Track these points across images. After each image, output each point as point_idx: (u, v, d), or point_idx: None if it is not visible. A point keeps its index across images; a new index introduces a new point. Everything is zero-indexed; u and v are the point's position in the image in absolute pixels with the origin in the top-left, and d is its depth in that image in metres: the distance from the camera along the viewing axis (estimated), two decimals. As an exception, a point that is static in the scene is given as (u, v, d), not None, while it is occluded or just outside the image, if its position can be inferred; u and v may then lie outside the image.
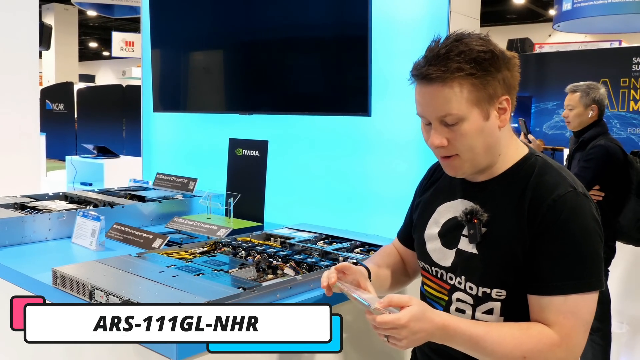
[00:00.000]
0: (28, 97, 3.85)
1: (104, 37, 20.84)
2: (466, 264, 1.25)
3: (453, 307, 1.28)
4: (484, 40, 1.18)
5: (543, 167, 1.22)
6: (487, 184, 1.27)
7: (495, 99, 1.18)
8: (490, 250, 1.22)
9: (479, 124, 1.18)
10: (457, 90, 1.15)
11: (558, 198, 1.15)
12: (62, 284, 1.47)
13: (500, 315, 1.22)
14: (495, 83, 1.17)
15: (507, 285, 1.20)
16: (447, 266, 1.30)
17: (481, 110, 1.17)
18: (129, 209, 2.26)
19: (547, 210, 1.15)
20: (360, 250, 1.87)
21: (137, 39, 14.46)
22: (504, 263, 1.20)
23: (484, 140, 1.20)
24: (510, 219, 1.20)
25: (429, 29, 2.02)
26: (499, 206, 1.23)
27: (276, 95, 2.41)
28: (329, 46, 2.20)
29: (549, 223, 1.15)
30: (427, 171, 1.51)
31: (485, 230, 1.23)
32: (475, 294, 1.24)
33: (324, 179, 2.37)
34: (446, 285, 1.30)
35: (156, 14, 2.86)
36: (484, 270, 1.22)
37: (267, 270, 1.63)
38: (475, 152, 1.21)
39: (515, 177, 1.23)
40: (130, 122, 12.26)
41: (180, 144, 3.06)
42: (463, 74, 1.14)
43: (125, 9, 11.51)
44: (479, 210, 1.24)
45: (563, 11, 8.05)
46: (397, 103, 2.12)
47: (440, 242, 1.32)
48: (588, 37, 12.00)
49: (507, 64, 1.18)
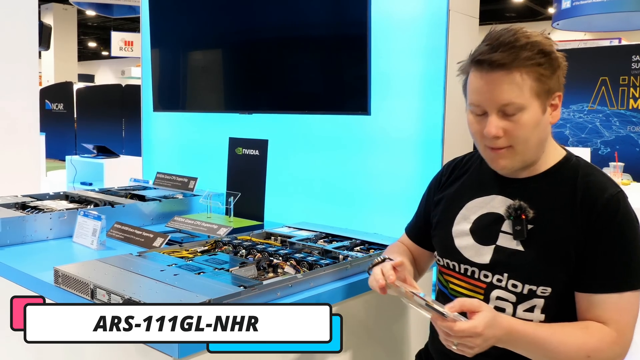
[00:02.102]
0: (27, 97, 3.86)
1: (103, 37, 20.84)
2: (509, 260, 1.24)
3: (491, 305, 1.25)
4: (545, 36, 1.19)
5: (587, 168, 1.24)
6: (528, 181, 1.26)
7: (551, 94, 1.19)
8: (538, 247, 1.21)
9: (537, 116, 1.18)
10: (521, 80, 1.15)
11: (610, 198, 1.17)
12: (63, 283, 1.47)
13: (542, 313, 1.22)
14: (554, 78, 1.19)
15: (554, 282, 1.20)
16: (483, 263, 1.28)
17: (540, 103, 1.18)
18: (130, 208, 2.26)
19: (602, 210, 1.17)
20: (360, 248, 1.88)
21: (136, 39, 14.46)
22: (553, 261, 1.19)
23: (538, 133, 1.20)
24: (560, 217, 1.20)
25: (428, 28, 2.02)
26: (545, 204, 1.22)
27: (276, 94, 2.42)
28: (328, 45, 2.21)
29: (604, 222, 1.16)
30: (445, 168, 1.49)
31: (531, 227, 1.22)
32: (520, 292, 1.22)
33: (324, 178, 2.37)
34: (481, 283, 1.28)
35: (155, 14, 2.86)
36: (531, 268, 1.21)
37: (268, 269, 1.64)
38: (529, 145, 1.20)
39: (560, 176, 1.24)
40: (130, 122, 12.26)
41: (180, 143, 3.07)
42: (531, 63, 1.14)
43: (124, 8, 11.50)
44: (525, 207, 1.23)
45: (562, 9, 8.05)
46: (396, 102, 2.13)
47: (472, 239, 1.30)
48: (587, 35, 12.00)
49: (561, 63, 1.20)
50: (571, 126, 9.69)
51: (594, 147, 9.07)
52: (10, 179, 3.59)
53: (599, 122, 9.38)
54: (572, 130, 9.64)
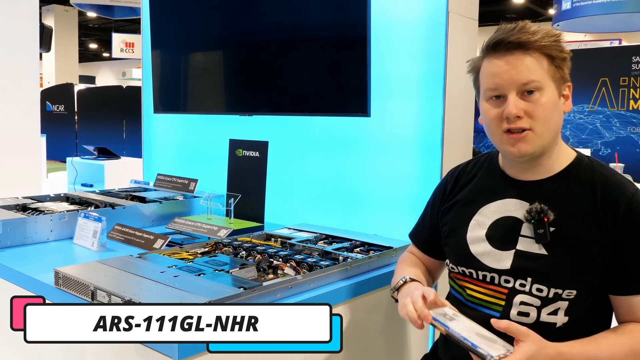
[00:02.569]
0: (28, 98, 3.86)
1: (104, 39, 20.86)
2: (533, 265, 1.22)
3: (514, 310, 1.24)
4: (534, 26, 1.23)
5: (601, 167, 1.25)
6: (543, 182, 1.26)
7: (563, 82, 1.23)
8: (562, 250, 1.20)
9: (555, 98, 1.21)
10: (538, 61, 1.19)
11: (632, 196, 1.17)
12: (64, 285, 1.48)
13: (565, 315, 1.21)
14: (565, 67, 1.22)
15: (580, 285, 1.19)
16: (503, 269, 1.26)
17: (556, 87, 1.21)
18: (130, 209, 2.27)
19: (625, 210, 1.16)
20: (360, 250, 1.88)
21: (137, 40, 14.47)
22: (578, 263, 1.18)
23: (556, 117, 1.22)
24: (581, 218, 1.19)
25: (427, 29, 2.03)
26: (564, 205, 1.21)
27: (276, 96, 2.42)
28: (328, 46, 2.21)
29: (630, 224, 1.16)
30: (449, 176, 1.47)
31: (553, 230, 1.21)
32: (545, 296, 1.21)
33: (324, 179, 2.38)
34: (502, 289, 1.26)
35: (156, 15, 2.87)
36: (557, 271, 1.20)
37: (268, 270, 1.64)
38: (549, 127, 1.21)
39: (574, 177, 1.24)
40: (131, 123, 12.27)
41: (181, 145, 3.07)
42: (546, 45, 1.19)
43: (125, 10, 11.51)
44: (545, 210, 1.22)
45: (562, 10, 8.06)
46: (396, 103, 2.13)
47: (489, 245, 1.29)
48: (588, 36, 12.00)
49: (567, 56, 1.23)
50: (571, 127, 9.68)
51: (594, 148, 9.07)
52: (11, 180, 3.60)
53: (600, 123, 9.38)
54: (573, 131, 9.64)
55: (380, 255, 1.79)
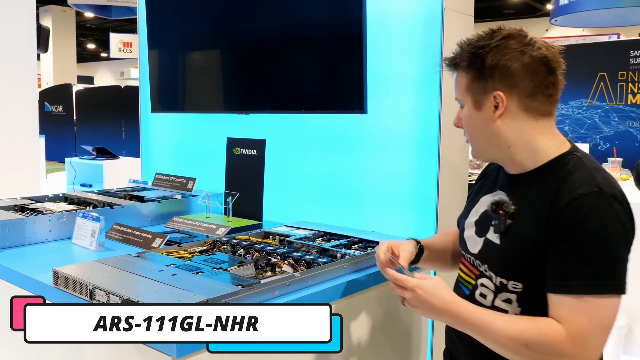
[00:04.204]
0: (27, 99, 3.86)
1: (102, 39, 20.84)
2: (489, 253, 1.31)
3: (478, 291, 1.33)
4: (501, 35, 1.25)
5: (574, 166, 1.21)
6: (521, 177, 1.29)
7: (487, 92, 1.25)
8: (509, 242, 1.25)
9: (471, 112, 1.29)
10: (461, 78, 1.30)
11: (578, 197, 1.14)
12: (62, 284, 1.48)
13: (519, 307, 1.24)
14: (487, 78, 1.24)
15: (523, 279, 1.22)
16: (475, 253, 1.36)
17: (474, 100, 1.28)
18: (129, 209, 2.27)
19: (564, 209, 1.15)
20: (358, 247, 1.89)
21: (135, 40, 14.45)
22: (520, 257, 1.22)
23: (479, 129, 1.30)
24: (532, 215, 1.21)
25: (423, 26, 2.03)
26: (525, 200, 1.25)
27: (273, 94, 2.43)
28: (324, 44, 2.21)
29: (565, 222, 1.14)
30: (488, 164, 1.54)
31: (510, 223, 1.26)
32: (494, 283, 1.29)
33: (322, 177, 2.38)
34: (476, 271, 1.36)
35: (153, 15, 2.87)
36: (502, 261, 1.27)
37: (266, 268, 1.65)
38: (474, 139, 1.33)
39: (547, 173, 1.24)
40: (129, 123, 12.26)
41: (179, 144, 3.08)
42: (465, 64, 1.27)
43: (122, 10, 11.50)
44: (505, 202, 1.28)
45: (560, 5, 8.04)
46: (392, 100, 2.14)
47: (474, 231, 1.38)
48: (586, 31, 11.99)
49: (515, 62, 1.21)
50: (570, 122, 9.68)
51: (593, 142, 9.07)
52: (10, 181, 3.60)
53: (598, 118, 9.37)
54: (571, 126, 9.64)
55: (378, 252, 1.79)
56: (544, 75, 1.22)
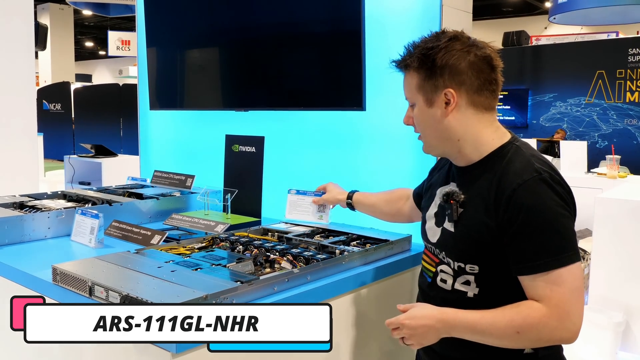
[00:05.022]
0: (25, 97, 3.85)
1: (100, 37, 20.82)
2: (446, 240, 1.40)
3: (438, 278, 1.43)
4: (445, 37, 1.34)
5: (514, 154, 1.33)
6: (468, 169, 1.40)
7: (437, 90, 1.34)
8: (463, 229, 1.35)
9: (423, 110, 1.38)
10: (411, 78, 1.38)
11: (521, 184, 1.25)
12: (62, 281, 1.48)
13: (477, 287, 1.34)
14: (437, 76, 1.33)
15: (479, 261, 1.33)
16: (434, 242, 1.45)
17: (425, 99, 1.36)
18: (127, 206, 2.27)
19: (510, 197, 1.25)
20: (357, 243, 1.89)
21: (133, 38, 14.44)
22: (473, 242, 1.32)
23: (430, 125, 1.38)
24: (481, 202, 1.32)
25: (421, 23, 2.03)
26: (473, 190, 1.35)
27: (271, 91, 2.43)
28: (322, 41, 2.21)
29: (514, 209, 1.25)
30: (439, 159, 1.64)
31: (462, 211, 1.36)
32: (453, 268, 1.38)
33: (320, 173, 2.38)
34: (435, 259, 1.45)
35: (151, 12, 2.87)
36: (458, 247, 1.37)
37: (265, 264, 1.65)
38: (426, 134, 1.41)
39: (490, 164, 1.35)
40: (128, 121, 12.26)
41: (177, 142, 3.08)
42: (415, 65, 1.35)
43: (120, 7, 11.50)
44: (455, 192, 1.38)
45: (559, 3, 8.04)
46: (391, 97, 2.14)
47: (434, 222, 1.46)
48: (584, 29, 12.00)
49: (462, 61, 1.31)
50: (569, 120, 9.70)
51: (591, 140, 9.09)
52: (8, 179, 3.59)
53: (596, 116, 9.40)
54: (570, 124, 9.66)
55: (377, 249, 1.80)
56: (487, 73, 1.33)
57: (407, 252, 1.90)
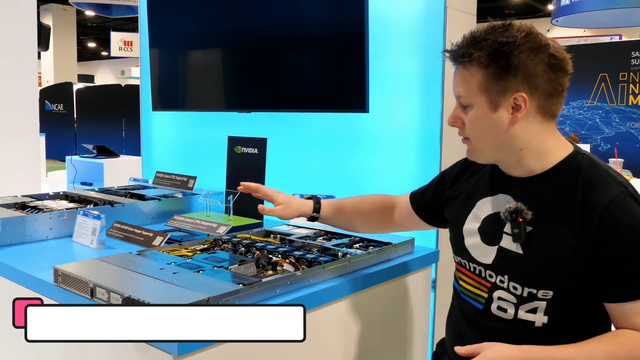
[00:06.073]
0: (27, 97, 3.86)
1: (103, 37, 20.85)
2: (510, 263, 1.23)
3: (494, 305, 1.26)
4: (520, 32, 1.16)
5: (590, 166, 1.19)
6: (529, 180, 1.24)
7: (505, 93, 1.17)
8: (536, 250, 1.19)
9: (484, 113, 1.20)
10: (472, 75, 1.18)
11: (612, 200, 1.13)
12: (63, 282, 1.47)
13: (545, 315, 1.20)
14: (510, 77, 1.16)
15: (555, 286, 1.18)
16: (487, 263, 1.28)
17: (489, 101, 1.18)
18: (129, 207, 2.26)
19: (602, 215, 1.13)
20: (360, 246, 1.88)
21: (135, 39, 14.46)
22: (551, 264, 1.17)
23: (491, 132, 1.20)
24: (559, 219, 1.17)
25: (425, 25, 2.02)
26: (544, 205, 1.20)
27: (274, 92, 2.42)
28: (326, 43, 2.21)
29: (608, 229, 1.12)
30: (461, 162, 1.47)
31: (530, 230, 1.20)
32: (520, 294, 1.21)
33: (323, 176, 2.38)
34: (486, 282, 1.28)
35: (154, 13, 2.87)
36: (530, 271, 1.20)
37: (267, 267, 1.64)
38: (482, 141, 1.23)
39: (561, 175, 1.20)
40: (130, 122, 12.26)
41: (180, 143, 3.07)
42: (477, 62, 1.17)
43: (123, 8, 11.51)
44: (523, 209, 1.20)
45: (561, 6, 8.03)
46: (395, 99, 2.13)
47: (480, 238, 1.30)
48: (587, 32, 11.99)
49: (539, 62, 1.16)
50: (571, 123, 9.68)
51: (594, 143, 9.07)
52: (10, 179, 3.59)
53: (599, 119, 9.38)
54: (572, 127, 9.64)
55: (380, 251, 1.79)
56: (561, 77, 1.19)
57: (410, 254, 1.89)
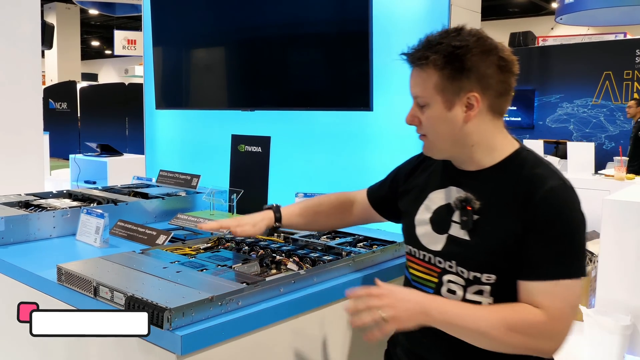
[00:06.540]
0: (31, 96, 3.86)
1: (106, 36, 20.88)
2: (457, 249, 1.31)
3: (444, 288, 1.34)
4: (471, 36, 1.24)
5: (534, 161, 1.29)
6: (478, 173, 1.33)
7: (459, 93, 1.25)
8: (481, 237, 1.28)
9: (440, 112, 1.28)
10: (428, 76, 1.26)
11: (550, 190, 1.21)
12: (67, 281, 1.47)
13: (490, 296, 1.28)
14: (463, 78, 1.24)
15: (497, 270, 1.26)
16: (437, 250, 1.36)
17: (445, 100, 1.26)
18: (133, 206, 2.26)
19: (539, 202, 1.21)
20: (364, 244, 1.88)
21: (139, 37, 14.47)
22: (494, 250, 1.25)
23: (447, 129, 1.29)
24: (502, 209, 1.25)
25: (429, 23, 2.01)
26: (491, 196, 1.28)
27: (278, 91, 2.41)
28: (330, 42, 2.20)
29: (542, 214, 1.21)
30: (416, 157, 1.56)
31: (477, 218, 1.28)
32: (467, 277, 1.30)
33: (327, 174, 2.37)
34: (436, 268, 1.36)
35: (157, 12, 2.86)
36: (475, 256, 1.28)
37: (271, 266, 1.64)
38: (439, 138, 1.31)
39: (508, 169, 1.29)
40: (133, 120, 12.28)
41: (183, 141, 3.07)
42: (433, 64, 1.24)
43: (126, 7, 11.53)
44: (472, 199, 1.29)
45: (565, 4, 8.00)
46: (398, 97, 2.12)
47: (430, 227, 1.38)
48: (591, 30, 11.94)
49: (490, 64, 1.24)
50: (575, 121, 9.65)
51: (598, 141, 9.04)
52: (14, 178, 3.60)
53: (603, 117, 9.35)
54: (576, 125, 9.61)
55: (384, 250, 1.78)
56: (509, 77, 1.27)
57: (414, 253, 1.88)
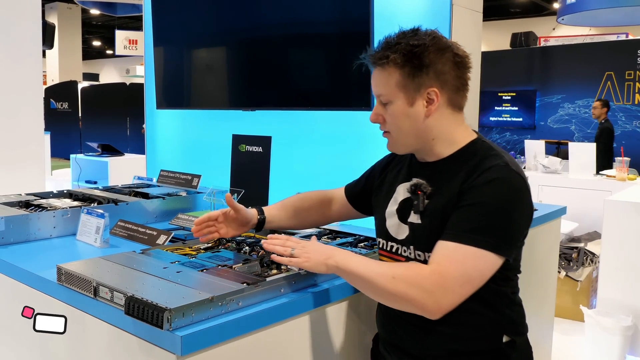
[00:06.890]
0: (32, 96, 3.86)
1: (107, 36, 20.89)
2: (413, 234, 1.38)
3: None
4: (427, 35, 1.31)
5: (487, 149, 1.35)
6: (435, 164, 1.39)
7: (420, 89, 1.32)
8: (430, 219, 1.34)
9: (403, 108, 1.34)
10: (389, 75, 1.33)
11: (489, 168, 1.28)
12: (66, 281, 1.47)
13: None
14: (423, 75, 1.30)
15: None
16: (402, 239, 1.41)
17: (406, 97, 1.33)
18: (133, 206, 2.26)
19: (476, 177, 1.28)
20: (365, 245, 1.87)
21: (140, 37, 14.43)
22: (440, 229, 1.30)
23: (409, 124, 1.35)
24: (449, 191, 1.32)
25: (431, 23, 2.00)
26: (441, 181, 1.35)
27: (279, 91, 2.41)
28: (331, 42, 2.20)
29: (473, 185, 1.27)
30: (389, 156, 1.61)
31: (428, 202, 1.35)
32: (424, 260, 1.35)
33: (327, 174, 2.37)
34: (401, 258, 1.42)
35: (158, 12, 2.86)
36: (426, 237, 1.34)
37: (272, 266, 1.63)
38: (402, 133, 1.37)
39: (461, 158, 1.36)
40: (134, 120, 12.30)
41: (184, 141, 3.07)
42: (393, 63, 1.31)
43: (128, 7, 11.53)
44: (422, 184, 1.37)
45: (567, 4, 7.98)
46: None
47: (397, 218, 1.44)
48: (593, 30, 11.92)
49: (446, 61, 1.31)
50: (577, 121, 9.65)
51: (599, 142, 9.02)
52: (15, 177, 3.60)
53: (605, 118, 9.32)
54: (578, 126, 9.61)
55: (385, 250, 1.77)
56: (465, 72, 1.35)
57: (415, 254, 1.88)
